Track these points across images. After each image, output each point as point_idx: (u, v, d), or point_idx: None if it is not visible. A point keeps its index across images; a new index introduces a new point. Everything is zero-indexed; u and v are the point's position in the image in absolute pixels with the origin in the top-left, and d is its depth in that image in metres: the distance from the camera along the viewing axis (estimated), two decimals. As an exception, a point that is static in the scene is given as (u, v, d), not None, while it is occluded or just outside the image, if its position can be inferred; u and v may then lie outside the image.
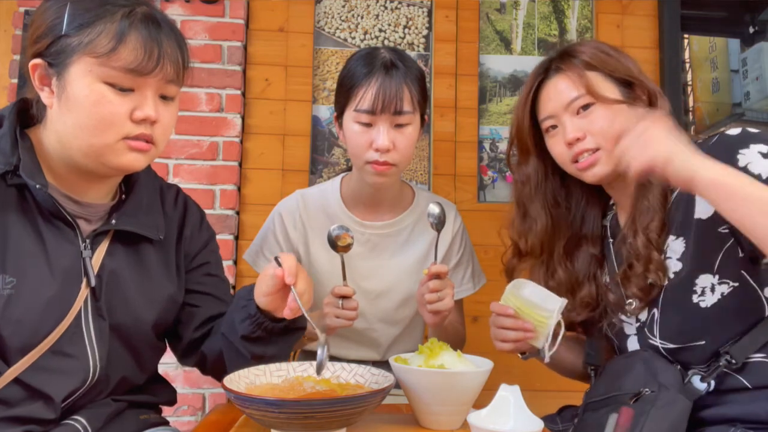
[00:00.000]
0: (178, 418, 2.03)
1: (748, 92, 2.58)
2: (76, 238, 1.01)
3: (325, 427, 0.87)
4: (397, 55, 1.35)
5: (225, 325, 1.10)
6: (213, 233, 1.25)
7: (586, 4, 2.43)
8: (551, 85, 1.20)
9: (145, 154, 1.00)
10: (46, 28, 0.96)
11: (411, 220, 1.49)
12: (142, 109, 0.97)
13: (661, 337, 1.11)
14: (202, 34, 2.20)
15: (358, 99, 1.32)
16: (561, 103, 1.17)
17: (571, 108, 1.17)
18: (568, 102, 1.17)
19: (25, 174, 0.95)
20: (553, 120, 1.20)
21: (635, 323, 1.17)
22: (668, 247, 1.11)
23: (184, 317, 1.16)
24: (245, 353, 1.06)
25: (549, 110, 1.20)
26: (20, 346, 0.94)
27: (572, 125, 1.16)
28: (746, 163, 1.01)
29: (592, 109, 1.15)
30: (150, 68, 0.95)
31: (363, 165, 1.35)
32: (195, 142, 2.17)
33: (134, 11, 0.96)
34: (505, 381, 0.87)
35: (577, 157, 1.16)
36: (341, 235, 1.28)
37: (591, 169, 1.16)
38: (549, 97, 1.20)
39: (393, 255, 1.48)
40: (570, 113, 1.17)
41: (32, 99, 1.02)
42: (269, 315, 1.04)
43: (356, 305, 1.28)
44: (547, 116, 1.21)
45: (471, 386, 0.97)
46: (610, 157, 1.11)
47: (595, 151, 1.15)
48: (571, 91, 1.17)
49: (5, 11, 2.22)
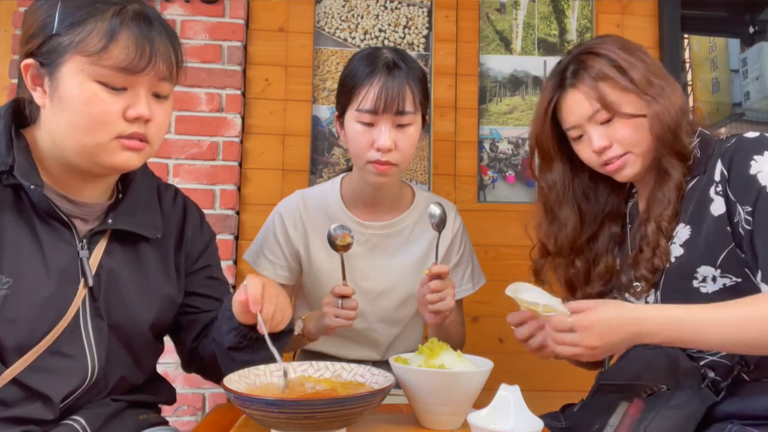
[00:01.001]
0: (178, 418, 2.03)
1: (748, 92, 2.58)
2: (73, 238, 1.00)
3: (325, 427, 0.86)
4: (400, 56, 1.35)
5: (215, 331, 1.11)
6: (213, 234, 1.25)
7: (586, 4, 2.43)
8: (570, 98, 1.21)
9: (139, 153, 1.00)
10: (37, 27, 0.96)
11: (411, 221, 1.49)
12: (135, 108, 0.97)
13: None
14: (202, 34, 2.20)
15: (360, 99, 1.32)
16: (582, 117, 1.19)
17: (593, 120, 1.18)
18: (589, 116, 1.18)
19: (20, 174, 0.95)
20: (578, 130, 1.21)
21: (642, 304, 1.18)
22: (676, 234, 1.14)
23: (187, 323, 1.16)
24: (236, 360, 1.06)
25: (572, 122, 1.22)
26: (17, 347, 0.94)
27: (597, 135, 1.18)
28: (756, 171, 1.04)
29: (614, 122, 1.17)
30: (142, 66, 0.95)
31: (364, 165, 1.35)
32: (195, 142, 2.17)
33: (125, 9, 0.95)
34: (505, 381, 0.87)
35: (607, 162, 1.19)
36: (341, 234, 1.28)
37: (621, 172, 1.19)
38: (570, 110, 1.21)
39: (393, 255, 1.48)
40: (593, 123, 1.18)
41: (26, 99, 1.01)
42: (252, 326, 1.05)
43: (356, 305, 1.28)
44: (571, 127, 1.22)
45: (471, 386, 0.97)
46: (638, 159, 1.17)
47: (623, 155, 1.17)
48: (589, 106, 1.18)
49: (5, 11, 2.22)
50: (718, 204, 1.10)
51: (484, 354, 1.04)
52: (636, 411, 0.95)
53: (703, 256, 1.09)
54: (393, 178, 1.39)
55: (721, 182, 1.09)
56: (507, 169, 2.35)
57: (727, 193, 1.08)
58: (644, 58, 1.19)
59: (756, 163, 1.05)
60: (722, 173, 1.09)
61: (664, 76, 1.19)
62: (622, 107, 1.16)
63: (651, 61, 1.20)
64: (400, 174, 1.43)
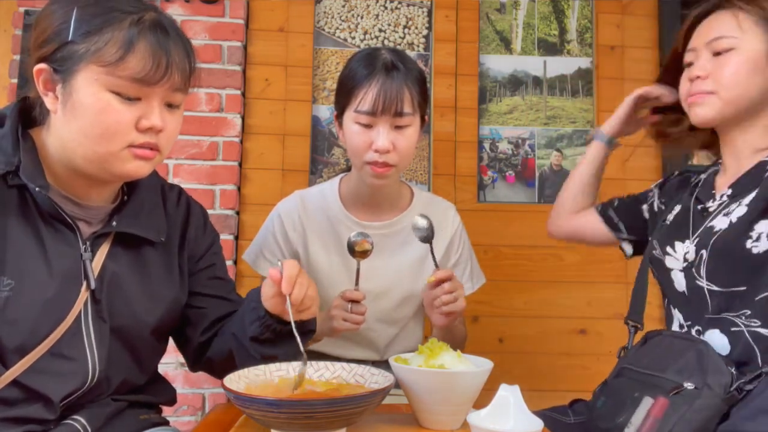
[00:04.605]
0: (178, 418, 2.03)
1: (748, 92, 2.58)
2: (76, 240, 1.00)
3: (325, 427, 0.86)
4: (398, 57, 1.35)
5: (235, 325, 1.10)
6: (217, 234, 1.25)
7: (586, 4, 2.43)
8: (709, 19, 1.19)
9: (149, 162, 1.00)
10: (51, 32, 0.95)
11: (409, 221, 1.49)
12: (148, 119, 0.96)
13: (708, 278, 1.11)
14: (202, 34, 2.20)
15: (359, 100, 1.32)
16: (704, 39, 1.17)
17: (710, 46, 1.16)
18: (710, 40, 1.16)
19: (25, 176, 0.95)
20: (692, 54, 1.19)
21: (682, 261, 1.17)
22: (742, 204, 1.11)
23: (193, 318, 1.16)
24: (255, 354, 1.06)
25: (693, 43, 1.20)
26: (18, 348, 0.93)
27: (702, 62, 1.16)
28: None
29: (729, 55, 1.13)
30: (158, 78, 0.94)
31: (362, 166, 1.35)
32: (195, 142, 2.17)
33: (143, 19, 0.94)
34: (505, 381, 0.87)
35: (691, 94, 1.17)
36: (359, 241, 1.29)
37: (695, 107, 1.17)
38: (700, 31, 1.20)
39: (392, 255, 1.48)
40: (708, 51, 1.16)
41: (35, 100, 1.00)
42: (277, 318, 1.05)
43: (365, 310, 1.29)
44: (690, 49, 1.20)
45: (471, 386, 0.97)
46: (718, 103, 1.13)
47: (709, 93, 1.15)
48: (718, 29, 1.15)
49: (5, 11, 2.22)
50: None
51: (484, 354, 1.04)
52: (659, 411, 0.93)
53: (763, 210, 1.06)
54: (391, 180, 1.38)
55: None
56: (507, 169, 2.35)
57: None
58: None
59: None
60: None
61: None
62: (753, 40, 1.12)
63: None
64: (399, 175, 1.43)
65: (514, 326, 2.26)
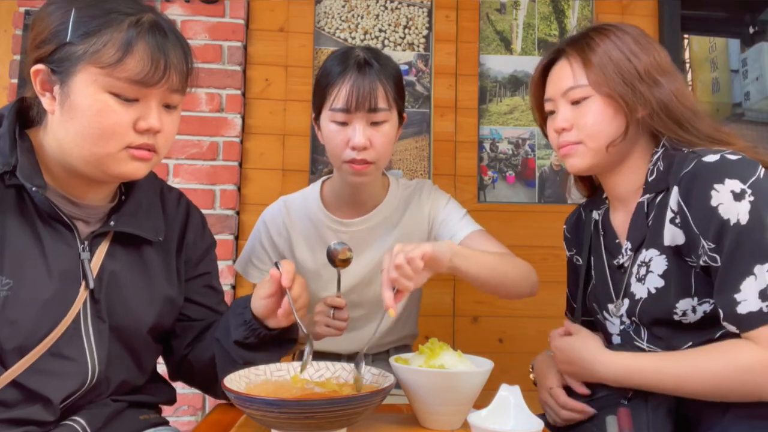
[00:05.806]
0: (178, 418, 2.04)
1: (748, 92, 2.58)
2: (75, 240, 1.00)
3: (325, 427, 0.86)
4: (372, 54, 1.36)
5: (220, 330, 1.11)
6: (214, 241, 1.25)
7: (586, 4, 2.43)
8: (557, 68, 1.18)
9: (146, 163, 1.00)
10: (49, 33, 0.94)
11: (390, 209, 1.49)
12: (146, 120, 0.96)
13: (648, 342, 1.11)
14: (202, 34, 2.20)
15: (333, 98, 1.32)
16: (558, 90, 1.16)
17: (566, 96, 1.14)
18: (564, 90, 1.15)
19: (23, 176, 0.95)
20: (551, 104, 1.19)
21: (619, 324, 1.17)
22: (651, 261, 1.09)
23: (180, 330, 1.16)
24: (237, 358, 1.06)
25: (549, 93, 1.19)
26: (17, 348, 0.93)
27: (563, 114, 1.15)
28: (717, 204, 0.98)
29: (587, 103, 1.12)
30: (156, 80, 0.95)
31: (341, 164, 1.35)
32: (195, 142, 2.17)
33: (141, 20, 0.94)
34: (505, 381, 0.87)
35: (561, 146, 1.17)
36: (340, 250, 1.30)
37: (568, 159, 1.16)
38: (552, 79, 1.19)
39: (378, 244, 1.49)
40: (566, 100, 1.15)
41: (32, 100, 1.01)
42: (263, 323, 1.07)
43: (347, 316, 1.31)
44: (548, 98, 1.20)
45: (471, 386, 0.97)
46: (588, 153, 1.13)
47: (576, 144, 1.14)
48: (570, 79, 1.14)
49: (5, 11, 2.22)
50: (676, 235, 1.04)
51: (484, 354, 1.04)
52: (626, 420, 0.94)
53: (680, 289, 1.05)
54: (371, 177, 1.38)
55: (679, 214, 1.03)
56: (507, 169, 2.35)
57: (689, 225, 1.01)
58: (654, 54, 1.12)
59: (717, 194, 0.98)
60: (679, 204, 1.03)
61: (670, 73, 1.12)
62: (604, 87, 1.09)
63: (659, 60, 1.12)
64: (379, 172, 1.44)
65: (514, 326, 2.26)
